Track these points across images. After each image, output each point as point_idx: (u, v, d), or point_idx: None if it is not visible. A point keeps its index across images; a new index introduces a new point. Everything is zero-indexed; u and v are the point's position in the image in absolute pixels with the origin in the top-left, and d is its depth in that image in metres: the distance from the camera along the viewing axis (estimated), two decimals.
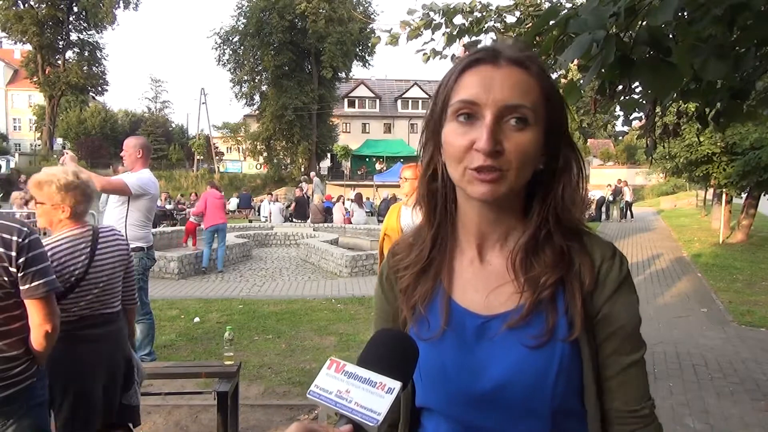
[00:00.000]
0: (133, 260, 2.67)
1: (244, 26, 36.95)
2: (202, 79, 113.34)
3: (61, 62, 40.08)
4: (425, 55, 3.29)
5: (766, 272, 9.69)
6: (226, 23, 57.78)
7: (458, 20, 3.18)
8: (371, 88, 48.42)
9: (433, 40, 3.22)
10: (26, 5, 37.81)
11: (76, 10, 39.39)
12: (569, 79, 2.81)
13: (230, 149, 48.68)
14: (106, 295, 2.37)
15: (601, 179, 26.79)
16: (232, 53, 38.31)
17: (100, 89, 43.83)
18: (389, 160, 36.69)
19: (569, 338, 0.81)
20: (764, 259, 11.08)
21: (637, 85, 2.05)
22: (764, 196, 13.27)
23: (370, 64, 42.12)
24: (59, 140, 45.11)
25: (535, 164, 0.82)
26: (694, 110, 2.73)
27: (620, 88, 2.06)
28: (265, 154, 39.75)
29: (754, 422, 3.81)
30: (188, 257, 9.53)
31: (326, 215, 15.81)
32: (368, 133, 47.19)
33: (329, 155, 42.21)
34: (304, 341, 5.57)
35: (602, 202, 20.93)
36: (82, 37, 40.90)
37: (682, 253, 12.25)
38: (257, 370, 4.68)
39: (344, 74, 40.67)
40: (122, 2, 39.77)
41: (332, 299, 7.59)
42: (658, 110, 2.52)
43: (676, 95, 2.24)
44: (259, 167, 43.52)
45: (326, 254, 10.28)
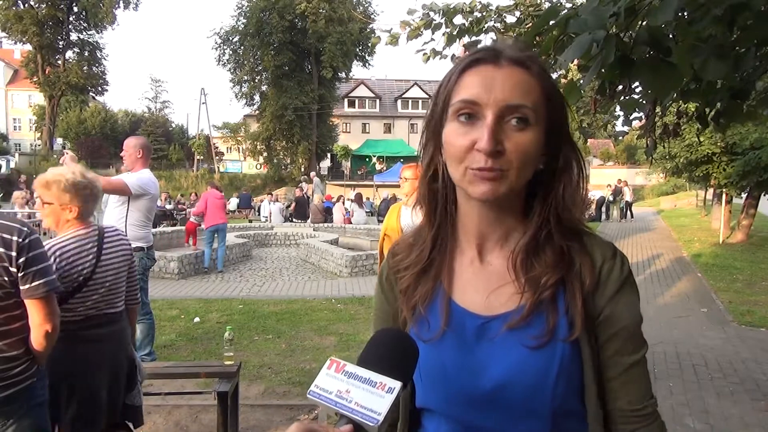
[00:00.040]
0: (134, 260, 2.67)
1: (244, 26, 36.96)
2: (202, 79, 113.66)
3: (61, 62, 40.06)
4: (425, 55, 3.29)
5: (766, 272, 9.69)
6: (226, 23, 57.96)
7: (458, 20, 3.17)
8: (371, 88, 48.42)
9: (433, 40, 3.22)
10: (26, 5, 37.80)
11: (76, 10, 39.38)
12: (569, 79, 2.81)
13: (230, 149, 48.70)
14: (111, 294, 2.38)
15: (601, 179, 26.78)
16: (232, 53, 38.33)
17: (100, 89, 43.85)
18: (389, 160, 36.68)
19: (570, 338, 0.81)
20: (764, 259, 11.08)
21: (637, 85, 2.05)
22: (764, 196, 13.27)
23: (370, 64, 42.20)
24: (59, 140, 45.12)
25: (535, 164, 0.82)
26: (694, 110, 2.73)
27: (620, 88, 2.05)
28: (265, 154, 39.76)
29: (754, 422, 3.81)
30: (188, 257, 9.53)
31: (326, 215, 15.81)
32: (368, 133, 47.19)
33: (329, 155, 42.23)
34: (304, 341, 5.57)
35: (602, 202, 20.93)
36: (82, 37, 40.91)
37: (682, 253, 12.25)
38: (257, 370, 4.69)
39: (344, 74, 40.68)
40: (122, 2, 39.78)
41: (332, 299, 7.59)
42: (658, 110, 2.52)
43: (676, 95, 2.24)
44: (259, 167, 43.53)
45: (326, 254, 10.28)
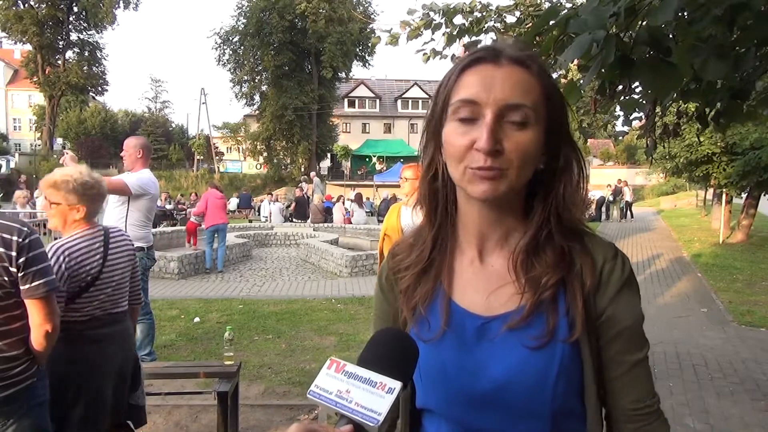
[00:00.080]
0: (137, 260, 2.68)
1: (244, 26, 36.96)
2: (202, 79, 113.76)
3: (61, 62, 40.06)
4: (425, 55, 3.29)
5: (766, 272, 9.69)
6: (226, 23, 57.95)
7: (458, 20, 3.17)
8: (371, 88, 48.42)
9: (433, 40, 3.22)
10: (26, 5, 37.80)
11: (76, 10, 39.38)
12: (569, 79, 2.81)
13: (230, 149, 48.70)
14: (116, 294, 2.39)
15: (601, 179, 26.76)
16: (232, 53, 38.33)
17: (100, 89, 43.84)
18: (389, 160, 36.68)
19: (570, 339, 0.81)
20: (764, 259, 11.08)
21: (637, 85, 2.05)
22: (764, 196, 13.26)
23: (370, 64, 42.20)
24: (59, 140, 45.11)
25: (535, 164, 0.82)
26: (694, 110, 2.73)
27: (620, 88, 2.05)
28: (265, 154, 39.76)
29: (754, 422, 3.81)
30: (188, 257, 9.53)
31: (326, 215, 15.81)
32: (368, 133, 47.18)
33: (329, 155, 42.22)
34: (304, 341, 5.57)
35: (602, 202, 20.93)
36: (82, 37, 40.91)
37: (682, 253, 12.24)
38: (257, 370, 4.69)
39: (344, 74, 40.68)
40: (122, 2, 39.78)
41: (332, 299, 7.59)
42: (658, 110, 2.52)
43: (676, 95, 2.24)
44: (259, 167, 43.53)
45: (326, 254, 10.28)
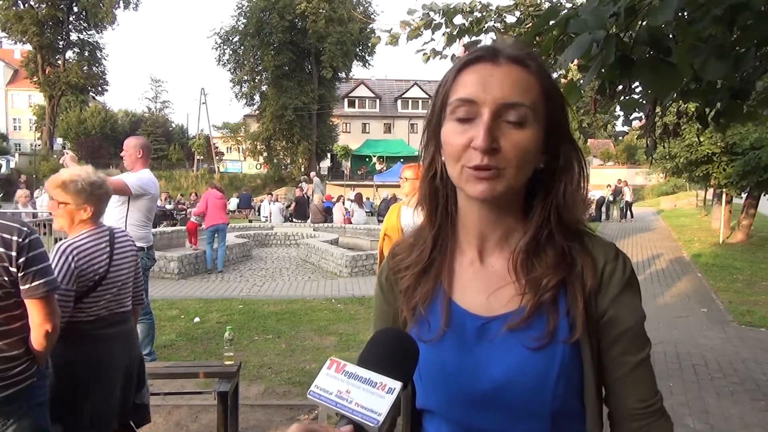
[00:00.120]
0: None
1: (244, 26, 36.95)
2: (202, 79, 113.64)
3: (61, 62, 40.04)
4: (425, 55, 3.29)
5: (766, 272, 9.69)
6: (226, 23, 57.88)
7: (458, 20, 3.17)
8: (371, 88, 48.41)
9: (433, 40, 3.22)
10: (26, 5, 37.78)
11: (76, 10, 39.35)
12: (569, 79, 2.81)
13: (230, 149, 48.69)
14: (122, 294, 2.40)
15: (601, 179, 26.73)
16: (232, 53, 38.32)
17: (100, 89, 43.81)
18: (389, 160, 36.68)
19: (570, 340, 0.81)
20: (764, 259, 11.08)
21: (637, 85, 2.05)
22: (764, 196, 13.26)
23: (370, 64, 42.18)
24: (59, 140, 45.09)
25: (534, 163, 0.82)
26: (694, 110, 2.73)
27: (620, 88, 2.05)
28: (265, 154, 39.75)
29: (754, 422, 3.81)
30: (188, 257, 9.53)
31: (326, 215, 15.80)
32: (368, 133, 47.18)
33: (329, 155, 42.22)
34: (304, 341, 5.57)
35: (602, 202, 20.93)
36: (82, 37, 40.88)
37: (682, 253, 12.24)
38: (257, 370, 4.69)
39: (344, 74, 40.67)
40: (122, 2, 39.75)
41: (332, 299, 7.59)
42: (658, 110, 2.52)
43: (676, 95, 2.24)
44: (259, 167, 43.52)
45: (326, 254, 10.28)
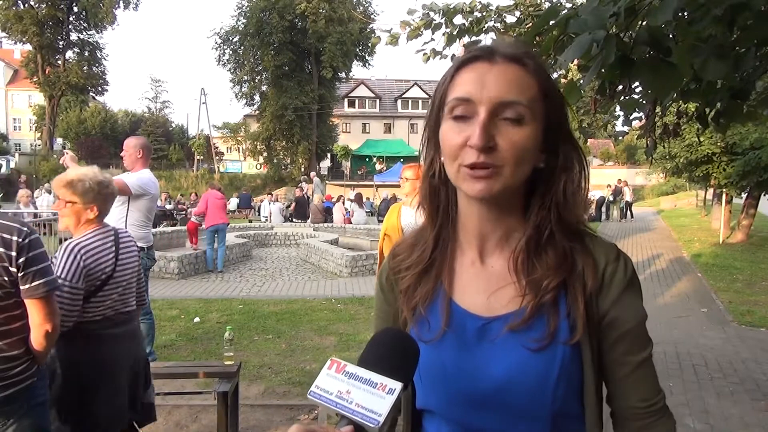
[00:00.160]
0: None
1: (244, 26, 36.93)
2: (202, 79, 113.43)
3: (61, 62, 40.01)
4: (425, 55, 3.29)
5: (766, 272, 9.69)
6: (226, 23, 57.83)
7: (458, 20, 3.18)
8: (371, 88, 48.39)
9: (433, 40, 3.22)
10: (26, 5, 37.76)
11: (76, 10, 39.34)
12: (569, 79, 2.81)
13: (230, 149, 48.67)
14: (126, 294, 2.40)
15: (601, 179, 26.72)
16: (232, 53, 38.30)
17: (100, 89, 43.80)
18: (389, 160, 36.67)
19: (571, 341, 0.81)
20: (764, 259, 11.08)
21: (637, 85, 2.04)
22: (764, 196, 13.26)
23: (370, 64, 42.15)
24: (59, 140, 45.08)
25: (533, 161, 0.81)
26: (694, 110, 2.73)
27: (620, 88, 2.05)
28: (265, 154, 39.74)
29: (754, 422, 3.81)
30: (188, 257, 9.53)
31: (326, 215, 15.80)
32: (368, 133, 47.17)
33: (329, 155, 42.21)
34: (304, 341, 5.57)
35: (602, 202, 20.93)
36: (82, 37, 40.85)
37: (682, 253, 12.24)
38: (257, 370, 4.69)
39: (344, 74, 40.65)
40: (122, 2, 39.74)
41: (332, 299, 7.59)
42: (658, 110, 2.52)
43: (676, 95, 2.24)
44: (259, 167, 43.51)
45: (326, 254, 10.28)
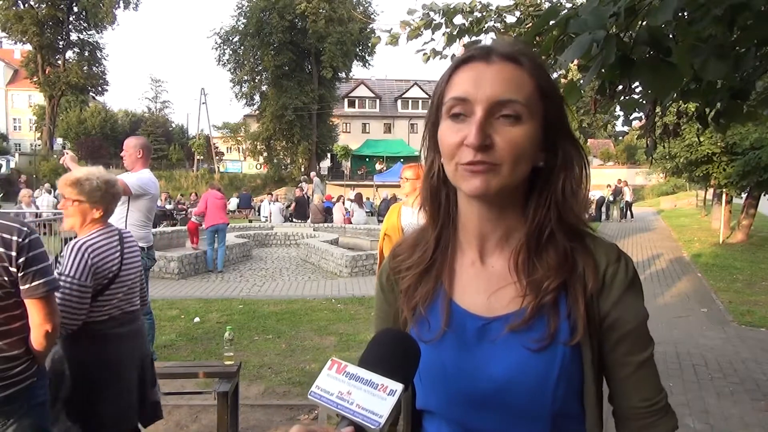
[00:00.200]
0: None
1: (244, 26, 36.93)
2: (202, 79, 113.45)
3: (61, 62, 40.01)
4: (425, 55, 3.29)
5: (766, 272, 9.69)
6: (226, 23, 57.83)
7: (458, 20, 3.18)
8: (371, 88, 48.39)
9: (433, 40, 3.22)
10: (26, 5, 37.76)
11: (76, 10, 39.33)
12: (569, 79, 2.81)
13: (230, 149, 48.68)
14: (131, 293, 2.41)
15: (601, 179, 26.66)
16: (232, 53, 38.30)
17: (100, 89, 43.80)
18: (389, 160, 36.66)
19: (571, 342, 0.81)
20: (764, 259, 11.08)
21: (637, 85, 2.04)
22: (764, 196, 13.26)
23: (370, 64, 42.15)
24: (59, 140, 45.07)
25: (532, 160, 0.81)
26: (694, 110, 2.73)
27: (620, 88, 2.05)
28: (265, 154, 39.74)
29: (754, 422, 3.81)
30: (188, 257, 9.53)
31: (326, 215, 15.81)
32: (368, 133, 47.16)
33: (329, 155, 42.21)
34: (304, 341, 5.57)
35: (602, 202, 20.93)
36: (82, 37, 40.85)
37: (682, 253, 12.24)
38: (257, 370, 4.69)
39: (344, 74, 40.65)
40: (122, 2, 39.74)
41: (332, 299, 7.59)
42: (658, 110, 2.52)
43: (676, 95, 2.24)
44: (259, 167, 43.52)
45: (326, 254, 10.28)
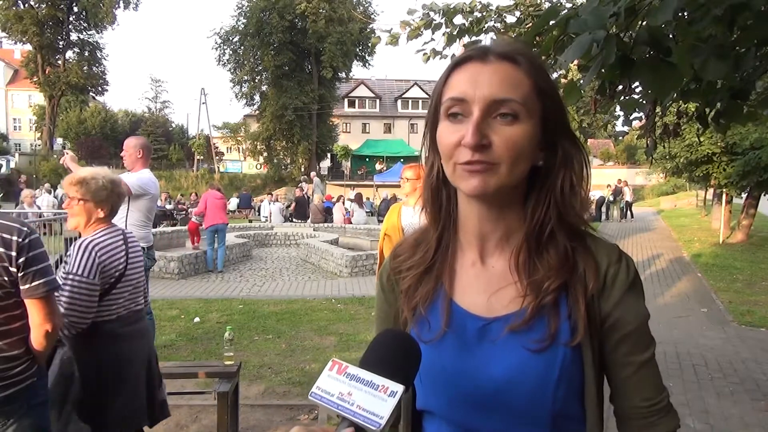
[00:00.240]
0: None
1: (244, 26, 36.93)
2: (202, 79, 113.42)
3: (61, 62, 40.01)
4: (425, 55, 3.29)
5: (766, 272, 9.69)
6: (226, 23, 57.76)
7: (458, 20, 3.18)
8: (371, 88, 48.39)
9: (433, 40, 3.22)
10: (26, 5, 37.76)
11: (76, 10, 39.33)
12: (569, 79, 2.81)
13: (230, 149, 48.69)
14: (136, 292, 2.42)
15: (601, 179, 26.62)
16: (232, 53, 38.30)
17: (100, 89, 43.81)
18: (389, 160, 36.66)
19: (572, 343, 0.81)
20: (764, 259, 11.08)
21: (637, 85, 2.04)
22: (764, 196, 13.26)
23: (370, 64, 42.16)
24: (59, 140, 45.08)
25: (531, 159, 0.81)
26: (694, 110, 2.73)
27: (620, 88, 2.05)
28: (265, 154, 39.74)
29: (754, 422, 3.81)
30: (188, 257, 9.53)
31: (326, 215, 15.81)
32: (368, 133, 47.17)
33: (329, 155, 42.21)
34: (304, 341, 5.57)
35: (602, 202, 20.92)
36: (82, 37, 40.86)
37: (682, 253, 12.24)
38: (257, 370, 4.69)
39: (344, 74, 40.66)
40: (122, 2, 39.76)
41: (332, 299, 7.59)
42: (658, 110, 2.52)
43: (676, 95, 2.24)
44: (259, 167, 43.52)
45: (326, 254, 10.28)
